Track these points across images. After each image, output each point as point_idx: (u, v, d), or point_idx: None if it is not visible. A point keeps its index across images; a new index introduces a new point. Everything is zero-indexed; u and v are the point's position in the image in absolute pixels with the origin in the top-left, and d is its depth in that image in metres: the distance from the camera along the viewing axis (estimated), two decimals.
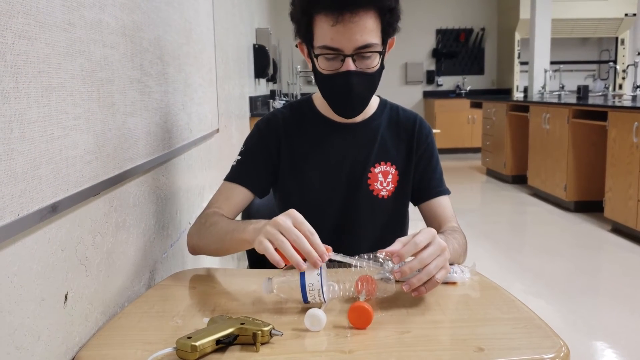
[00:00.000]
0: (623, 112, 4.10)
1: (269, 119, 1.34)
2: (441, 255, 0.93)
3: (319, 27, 1.13)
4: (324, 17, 1.10)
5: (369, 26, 1.11)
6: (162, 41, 1.36)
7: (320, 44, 1.13)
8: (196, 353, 0.75)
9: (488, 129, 7.00)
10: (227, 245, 1.11)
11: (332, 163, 1.30)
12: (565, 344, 0.81)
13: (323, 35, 1.12)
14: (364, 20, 1.10)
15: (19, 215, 0.68)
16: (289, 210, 0.95)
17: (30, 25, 0.71)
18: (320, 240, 0.92)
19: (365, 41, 1.11)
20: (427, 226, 1.32)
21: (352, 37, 1.10)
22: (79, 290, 0.86)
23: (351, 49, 1.12)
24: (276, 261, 0.91)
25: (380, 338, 0.84)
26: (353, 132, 1.31)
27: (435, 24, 9.46)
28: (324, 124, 1.31)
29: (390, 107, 1.37)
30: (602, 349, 2.50)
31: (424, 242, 0.92)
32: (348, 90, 1.16)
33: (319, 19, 1.12)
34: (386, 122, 1.34)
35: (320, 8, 1.11)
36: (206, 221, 1.19)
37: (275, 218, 0.94)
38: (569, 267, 3.64)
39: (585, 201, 4.91)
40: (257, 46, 4.31)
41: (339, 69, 1.14)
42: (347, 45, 1.11)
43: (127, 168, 1.07)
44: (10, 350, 0.67)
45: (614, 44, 9.39)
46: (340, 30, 1.10)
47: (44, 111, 0.74)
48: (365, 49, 1.12)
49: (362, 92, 1.19)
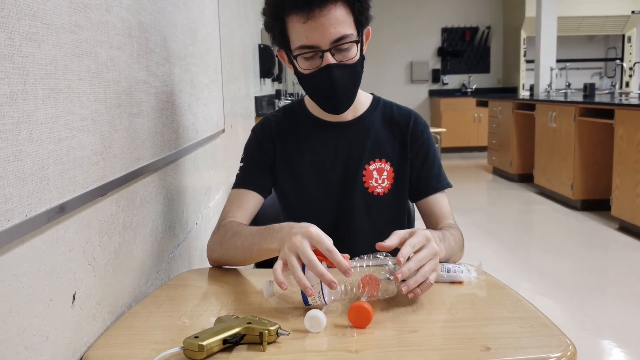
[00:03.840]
0: (630, 110, 4.07)
1: (262, 124, 1.36)
2: (433, 258, 0.94)
3: (291, 28, 1.14)
4: (295, 17, 1.11)
5: (341, 18, 1.11)
6: (168, 42, 1.37)
7: (297, 44, 1.14)
8: (203, 352, 0.75)
9: (494, 127, 6.98)
10: (255, 255, 1.11)
11: (326, 162, 1.31)
12: (572, 343, 0.81)
13: (298, 36, 1.13)
14: (334, 12, 1.10)
15: (27, 216, 0.68)
16: (307, 228, 0.94)
17: (38, 27, 0.71)
18: (340, 256, 0.90)
19: (339, 33, 1.12)
20: (424, 223, 1.32)
21: (326, 31, 1.11)
22: (86, 290, 0.86)
23: (327, 44, 1.12)
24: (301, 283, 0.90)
25: (386, 337, 0.84)
26: (345, 131, 1.31)
27: (440, 22, 9.44)
28: (316, 124, 1.32)
29: (384, 104, 1.37)
30: (609, 347, 2.49)
31: (418, 245, 0.93)
32: (331, 84, 1.16)
33: (291, 21, 1.13)
34: (379, 118, 1.34)
35: (289, 9, 1.12)
36: (226, 232, 1.18)
37: (293, 238, 0.94)
38: (576, 266, 3.63)
39: (592, 199, 4.89)
40: (263, 46, 4.32)
41: (320, 66, 1.15)
42: (322, 41, 1.12)
43: (134, 168, 1.07)
44: (20, 350, 0.67)
45: (620, 41, 9.34)
46: (313, 26, 1.10)
47: (52, 112, 0.75)
48: (341, 42, 1.13)
49: (346, 84, 1.19)
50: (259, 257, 1.11)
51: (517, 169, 6.38)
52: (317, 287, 0.90)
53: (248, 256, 1.13)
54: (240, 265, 1.20)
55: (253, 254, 1.11)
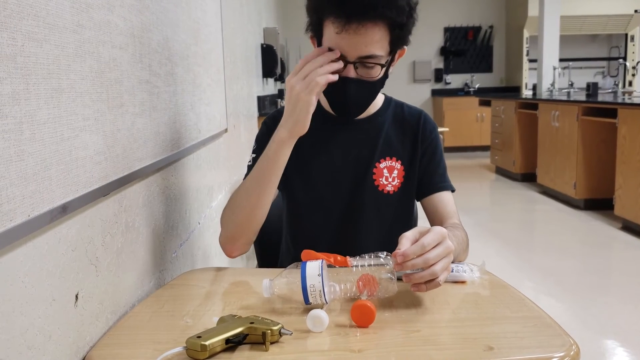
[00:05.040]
0: (633, 109, 4.06)
1: (275, 116, 1.35)
2: (447, 257, 0.92)
3: (326, 29, 1.13)
4: (331, 22, 1.10)
5: (376, 38, 1.10)
6: (171, 42, 1.37)
7: (326, 45, 1.14)
8: (206, 352, 0.75)
9: (497, 127, 6.97)
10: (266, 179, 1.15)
11: (337, 159, 1.31)
12: (575, 342, 0.81)
13: (329, 39, 1.12)
14: (372, 32, 1.09)
15: (30, 216, 0.68)
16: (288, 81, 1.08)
17: (40, 27, 0.71)
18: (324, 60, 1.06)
19: (368, 52, 1.11)
20: (429, 221, 1.32)
21: (356, 46, 1.10)
22: (89, 290, 0.86)
23: (354, 57, 1.11)
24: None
25: (389, 337, 0.84)
26: (358, 129, 1.32)
27: (443, 22, 9.43)
28: (329, 121, 1.32)
29: (395, 104, 1.38)
30: (612, 347, 2.49)
31: (431, 244, 0.91)
32: (344, 96, 1.16)
33: (327, 22, 1.12)
34: (391, 118, 1.35)
35: (329, 12, 1.11)
36: (230, 197, 1.22)
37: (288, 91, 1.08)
38: (579, 265, 3.62)
39: (595, 199, 4.88)
40: (265, 46, 4.32)
41: (340, 73, 1.14)
42: (350, 53, 1.11)
43: (136, 168, 1.07)
44: (22, 350, 0.67)
45: (623, 40, 9.32)
46: (346, 38, 1.09)
47: (54, 112, 0.75)
48: (367, 60, 1.12)
49: (359, 99, 1.19)
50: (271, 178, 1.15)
51: (519, 169, 6.37)
52: (318, 285, 0.90)
53: (259, 191, 1.15)
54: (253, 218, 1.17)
55: (262, 182, 1.15)
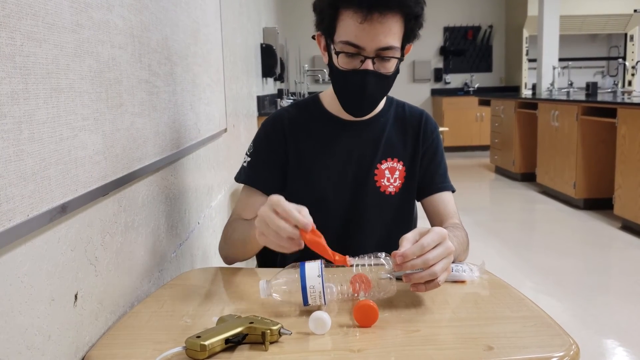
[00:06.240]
0: (633, 109, 4.07)
1: (274, 119, 1.34)
2: (447, 258, 0.92)
3: (344, 22, 1.13)
4: (353, 13, 1.10)
5: (394, 29, 1.12)
6: (170, 41, 1.37)
7: (343, 39, 1.13)
8: (205, 352, 0.75)
9: (496, 126, 6.97)
10: (251, 247, 1.15)
11: (339, 161, 1.31)
12: (575, 342, 0.81)
13: (347, 31, 1.12)
14: (391, 22, 1.11)
15: (29, 215, 0.68)
16: (269, 198, 0.93)
17: (39, 26, 0.71)
18: (299, 216, 0.90)
19: (387, 43, 1.12)
20: (429, 221, 1.32)
21: (376, 37, 1.11)
22: (88, 289, 0.86)
23: (373, 49, 1.12)
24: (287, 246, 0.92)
25: (389, 337, 0.84)
26: (360, 130, 1.31)
27: (443, 21, 9.43)
28: (331, 122, 1.32)
29: (397, 104, 1.38)
30: (612, 347, 2.49)
31: (431, 245, 0.90)
32: (362, 89, 1.17)
33: (346, 15, 1.12)
34: (392, 118, 1.34)
35: (348, 5, 1.11)
36: (227, 231, 1.25)
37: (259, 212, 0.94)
38: (579, 265, 3.62)
39: (595, 198, 4.88)
40: (265, 45, 4.32)
41: (357, 67, 1.15)
42: (369, 45, 1.12)
43: (135, 168, 1.07)
44: (22, 350, 0.67)
45: (623, 40, 9.32)
46: (367, 29, 1.10)
47: (53, 112, 0.75)
48: (385, 51, 1.13)
49: (375, 93, 1.20)
50: (256, 247, 1.13)
51: (519, 168, 6.37)
52: (318, 287, 0.89)
53: (249, 249, 1.17)
54: (244, 258, 1.24)
55: (248, 246, 1.15)
